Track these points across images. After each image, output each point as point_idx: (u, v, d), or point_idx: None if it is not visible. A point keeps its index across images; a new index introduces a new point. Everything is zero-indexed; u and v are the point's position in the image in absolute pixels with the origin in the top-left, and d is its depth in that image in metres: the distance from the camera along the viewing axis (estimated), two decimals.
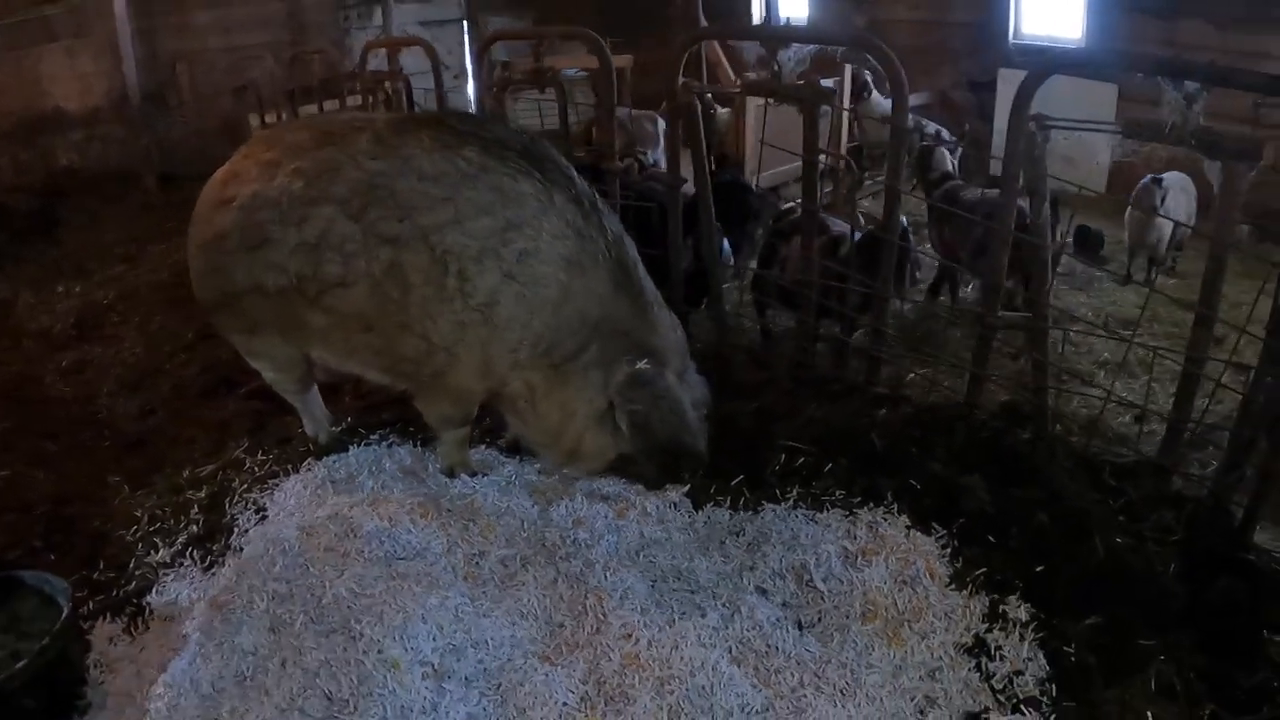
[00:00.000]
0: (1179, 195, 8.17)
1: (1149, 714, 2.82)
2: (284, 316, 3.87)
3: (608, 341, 3.63)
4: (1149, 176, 7.88)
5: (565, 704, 2.87)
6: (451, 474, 4.00)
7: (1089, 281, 8.47)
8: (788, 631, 3.15)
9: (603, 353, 3.63)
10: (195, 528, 3.98)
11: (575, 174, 3.75)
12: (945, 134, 9.74)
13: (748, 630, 3.14)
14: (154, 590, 3.63)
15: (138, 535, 4.02)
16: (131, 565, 3.84)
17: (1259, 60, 9.03)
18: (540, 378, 3.70)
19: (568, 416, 3.71)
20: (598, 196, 3.76)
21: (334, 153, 3.67)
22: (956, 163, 8.57)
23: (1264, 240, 8.00)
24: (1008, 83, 11.36)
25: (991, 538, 3.51)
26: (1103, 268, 8.66)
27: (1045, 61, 3.99)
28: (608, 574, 3.36)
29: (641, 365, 3.58)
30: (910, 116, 4.70)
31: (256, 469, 4.29)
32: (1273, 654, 3.10)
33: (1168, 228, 8.10)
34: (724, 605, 3.27)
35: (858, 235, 5.60)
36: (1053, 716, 2.87)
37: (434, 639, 3.04)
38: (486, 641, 3.07)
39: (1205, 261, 3.92)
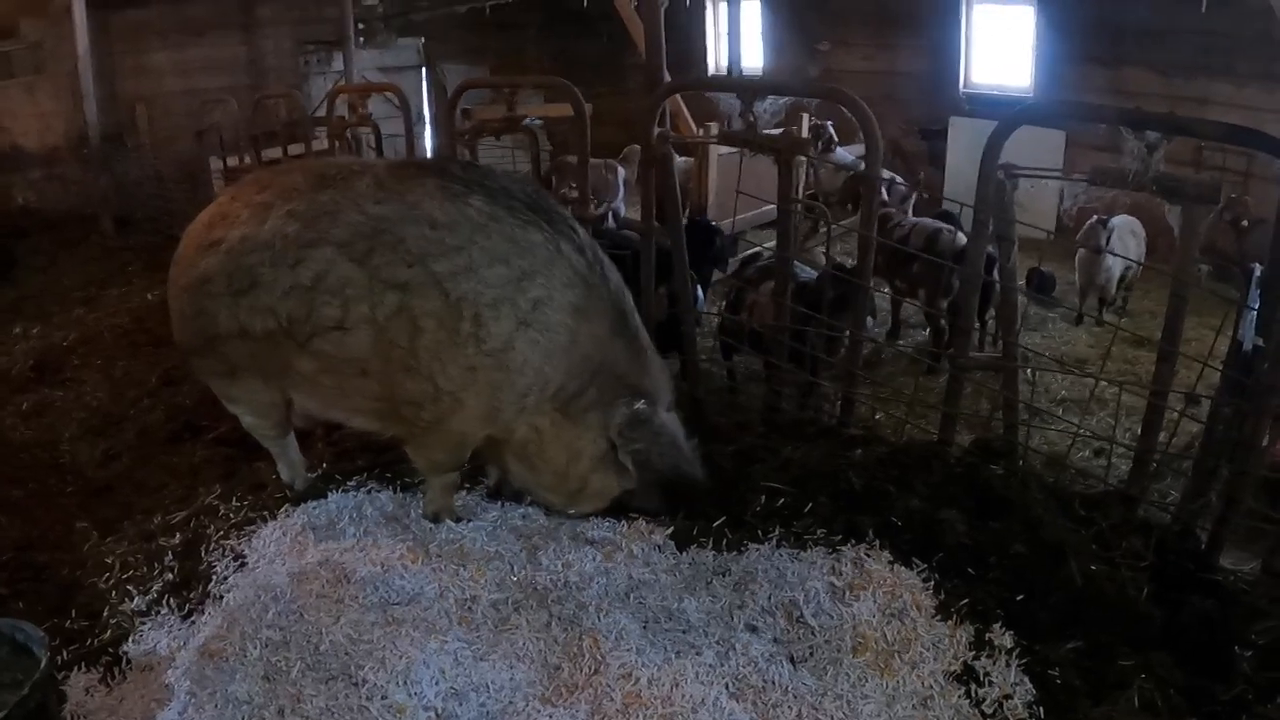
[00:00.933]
0: (1128, 238, 8.46)
1: None
2: (270, 361, 3.86)
3: (605, 384, 3.76)
4: (1095, 217, 8.15)
5: None
6: (436, 519, 3.99)
7: (1042, 322, 8.71)
8: (782, 667, 3.18)
9: (601, 395, 3.77)
10: (171, 575, 3.91)
11: (578, 225, 3.88)
12: (899, 180, 9.97)
13: (743, 667, 3.17)
14: (130, 639, 3.56)
15: (110, 583, 3.95)
16: (105, 614, 3.75)
17: (1201, 105, 9.40)
18: (547, 422, 3.78)
19: (573, 458, 3.82)
20: (598, 247, 3.88)
21: (333, 195, 3.67)
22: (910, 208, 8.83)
23: (1219, 280, 8.28)
24: (959, 130, 11.69)
25: (972, 569, 3.59)
26: (1055, 309, 8.90)
27: (1015, 112, 4.13)
28: (600, 616, 3.37)
29: (639, 405, 3.75)
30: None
31: (231, 515, 4.23)
32: (1246, 669, 3.22)
33: (1117, 269, 8.37)
34: (717, 643, 3.30)
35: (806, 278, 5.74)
36: None
37: (436, 683, 3.04)
38: (487, 685, 3.07)
39: (1161, 300, 4.07)
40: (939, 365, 6.64)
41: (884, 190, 8.52)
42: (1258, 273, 4.09)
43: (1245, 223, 9.01)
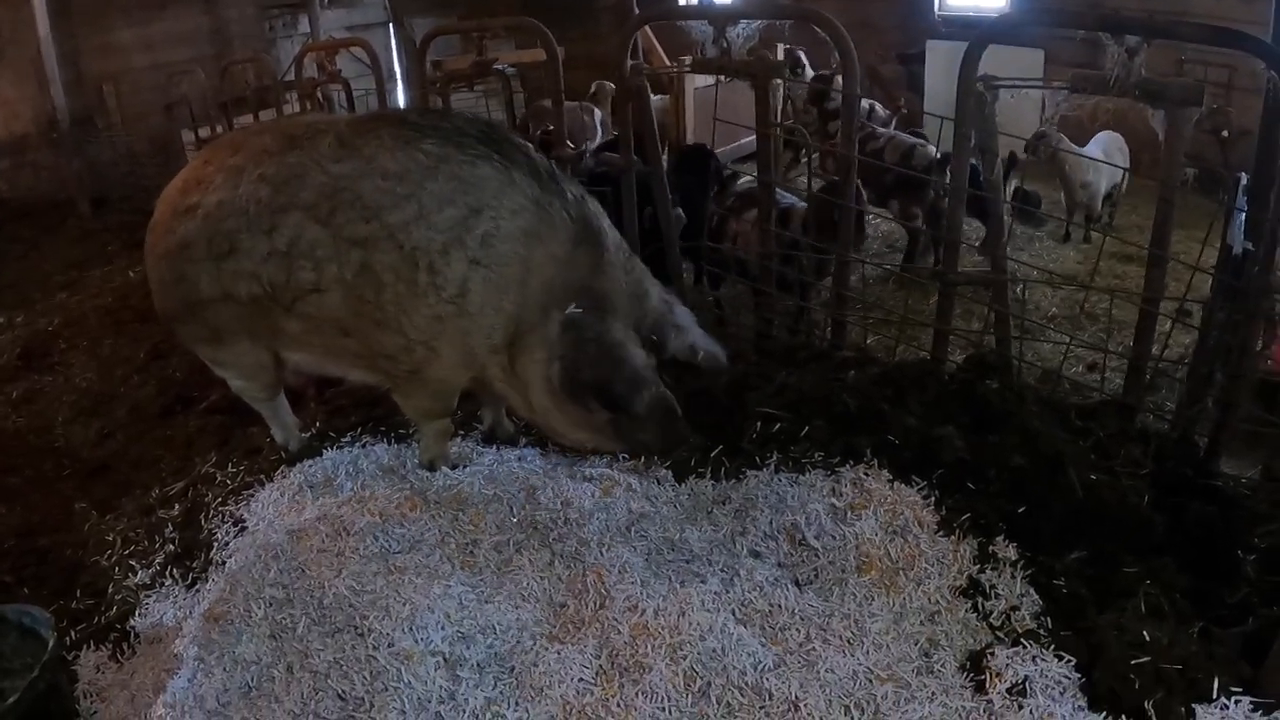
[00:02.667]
0: (1115, 155, 8.41)
1: (1144, 634, 2.89)
2: (257, 323, 3.84)
3: (563, 299, 3.61)
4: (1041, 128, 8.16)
5: (582, 679, 2.88)
6: (432, 467, 3.97)
7: (1029, 241, 8.68)
8: (788, 590, 3.19)
9: (552, 311, 3.62)
10: (172, 546, 3.91)
11: (532, 149, 3.77)
12: (879, 108, 9.89)
13: (749, 592, 3.17)
14: (137, 613, 3.57)
15: (113, 560, 3.96)
16: (110, 590, 3.77)
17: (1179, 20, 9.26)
18: (509, 357, 3.70)
19: (529, 386, 3.71)
20: (555, 165, 3.77)
21: (299, 157, 3.64)
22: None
23: (1204, 191, 8.24)
24: (936, 54, 11.59)
25: (972, 484, 3.58)
26: (1042, 227, 8.87)
27: (989, 27, 4.09)
28: (603, 551, 3.37)
29: (571, 309, 3.56)
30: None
31: (228, 482, 4.23)
32: (1250, 572, 3.23)
33: (1102, 184, 8.34)
34: (722, 570, 3.30)
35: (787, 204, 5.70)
36: (1051, 646, 2.94)
37: (443, 628, 3.04)
38: (494, 627, 3.07)
39: (1148, 214, 4.06)
40: (924, 280, 6.61)
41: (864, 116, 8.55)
42: (1244, 181, 4.07)
43: (1226, 133, 8.96)
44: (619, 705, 2.79)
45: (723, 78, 4.87)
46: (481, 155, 3.57)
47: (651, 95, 8.63)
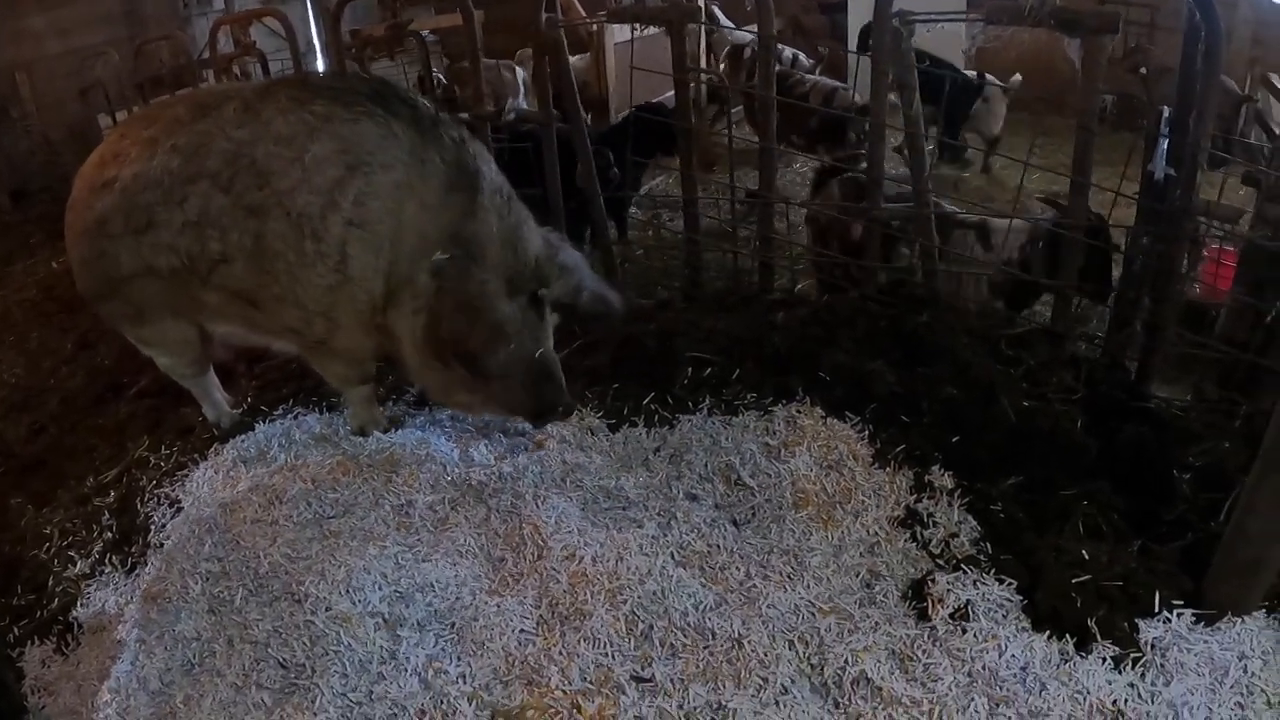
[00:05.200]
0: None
1: (1083, 553, 2.94)
2: (179, 298, 3.77)
3: (434, 248, 3.46)
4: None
5: (523, 630, 2.88)
6: (364, 433, 3.93)
7: (954, 186, 8.76)
8: (725, 530, 3.20)
9: (425, 260, 3.48)
10: (110, 534, 3.86)
11: (420, 100, 3.67)
12: (803, 58, 9.89)
13: (686, 534, 3.18)
14: (79, 604, 3.52)
15: (51, 553, 3.89)
16: (51, 584, 3.71)
17: None
18: (381, 316, 3.58)
19: (400, 342, 3.58)
20: (440, 113, 3.65)
21: (207, 125, 3.56)
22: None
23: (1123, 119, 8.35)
24: (858, 3, 11.56)
25: (905, 416, 3.62)
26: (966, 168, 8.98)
27: None
28: (538, 503, 3.36)
29: (438, 256, 3.41)
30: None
31: (162, 464, 4.17)
32: (1185, 490, 3.29)
33: (1000, 115, 8.49)
34: (658, 515, 3.31)
35: None
36: (992, 570, 2.98)
37: (380, 588, 3.03)
38: (432, 585, 3.06)
39: (1068, 144, 4.08)
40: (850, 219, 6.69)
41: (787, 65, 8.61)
42: (1167, 114, 4.13)
43: (1145, 70, 9.05)
44: (561, 653, 2.80)
45: (639, 29, 4.82)
46: (365, 112, 3.46)
47: (571, 56, 8.63)
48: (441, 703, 2.70)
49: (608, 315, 3.85)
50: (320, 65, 11.55)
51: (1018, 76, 8.43)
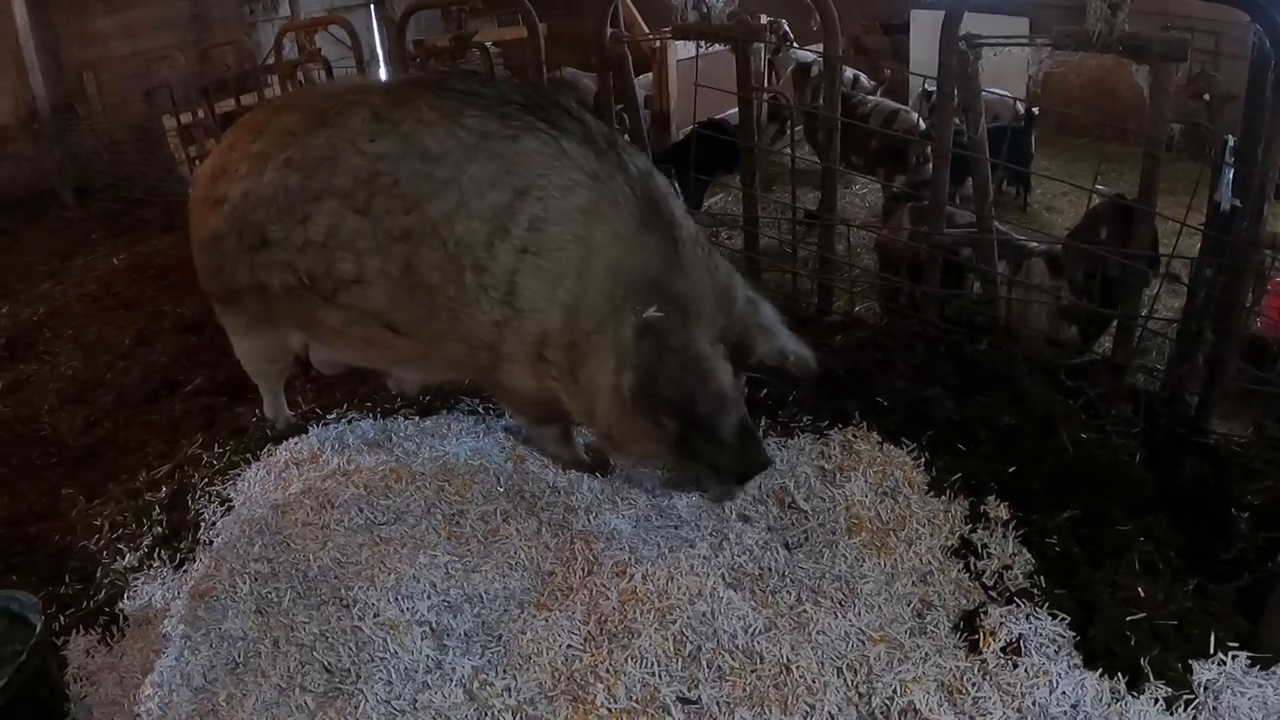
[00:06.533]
0: None
1: (1139, 590, 2.89)
2: (295, 313, 3.60)
3: (636, 296, 3.10)
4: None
5: (570, 645, 2.86)
6: (564, 468, 3.71)
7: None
8: (778, 553, 3.17)
9: (624, 307, 3.13)
10: (160, 528, 3.88)
11: (587, 115, 3.34)
12: (864, 79, 9.84)
13: (738, 556, 3.15)
14: (125, 596, 3.53)
15: (100, 545, 3.91)
16: (99, 575, 3.73)
17: None
18: (563, 355, 3.24)
19: (595, 394, 3.22)
20: (615, 133, 3.40)
21: (329, 137, 3.30)
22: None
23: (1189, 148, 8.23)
24: (920, 23, 11.51)
25: (962, 445, 3.58)
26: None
27: None
28: (590, 518, 3.35)
29: (651, 313, 3.06)
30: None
31: (215, 462, 4.19)
32: (1243, 529, 3.21)
33: None
34: (710, 535, 3.28)
35: None
36: (1045, 604, 2.93)
37: (429, 597, 3.02)
38: (481, 596, 3.05)
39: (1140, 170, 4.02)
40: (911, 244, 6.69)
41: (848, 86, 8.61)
42: (1231, 143, 4.06)
43: (1208, 96, 8.93)
44: (608, 671, 2.77)
45: (704, 46, 4.81)
46: (527, 128, 3.15)
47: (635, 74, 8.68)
48: (486, 715, 2.69)
49: (808, 379, 3.54)
50: (382, 74, 11.70)
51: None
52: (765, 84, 9.17)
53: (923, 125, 7.44)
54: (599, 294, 3.11)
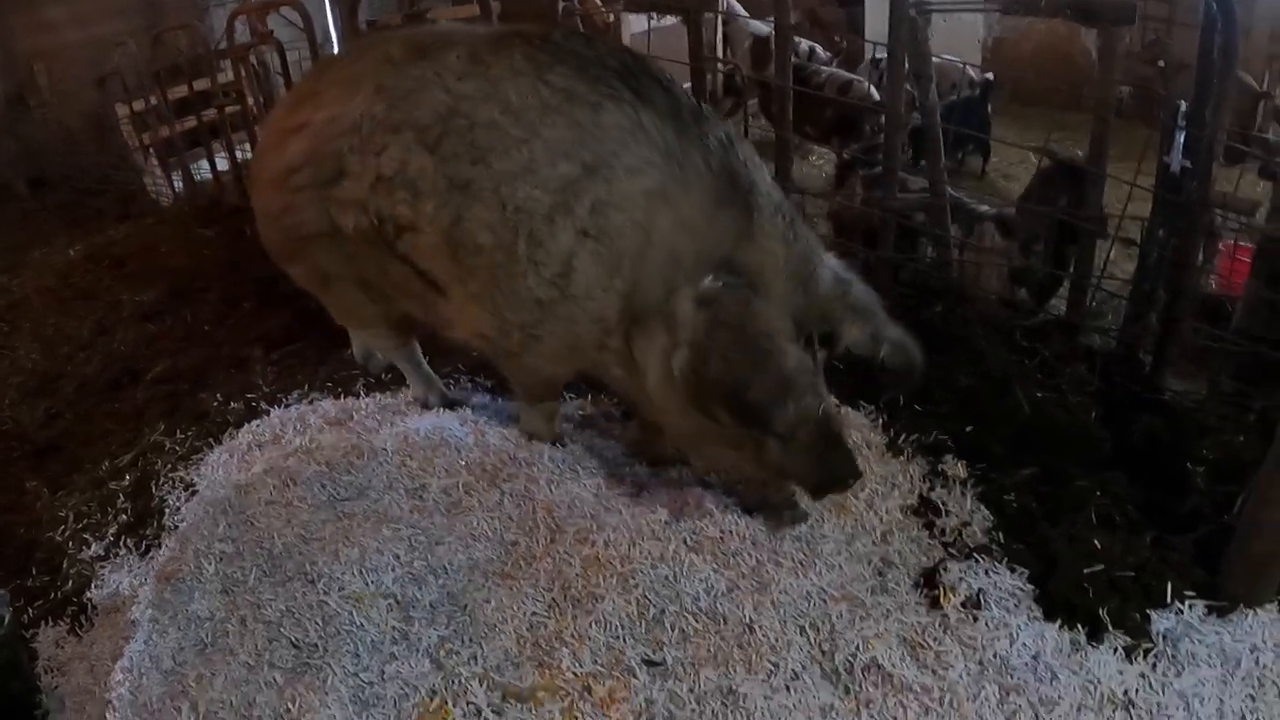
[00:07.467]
0: None
1: (1096, 544, 2.94)
2: (367, 265, 3.35)
3: (701, 272, 2.85)
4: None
5: (534, 613, 2.88)
6: (532, 439, 3.60)
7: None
8: (739, 516, 3.19)
9: (688, 285, 2.87)
10: (125, 516, 3.87)
11: (678, 87, 3.05)
12: (820, 50, 9.88)
13: (699, 520, 3.16)
14: (93, 585, 3.53)
15: (66, 535, 3.90)
16: (65, 565, 3.72)
17: None
18: (619, 342, 3.02)
19: (647, 376, 2.98)
20: (702, 105, 3.09)
21: (424, 69, 3.05)
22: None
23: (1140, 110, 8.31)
24: None
25: (919, 406, 3.61)
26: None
27: None
28: (552, 488, 3.36)
29: (709, 282, 2.80)
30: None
31: (178, 449, 4.18)
32: (1199, 483, 3.28)
33: None
34: (671, 500, 3.30)
35: None
36: (1004, 559, 2.98)
37: (393, 570, 3.03)
38: (445, 567, 3.06)
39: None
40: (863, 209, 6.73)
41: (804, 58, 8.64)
42: (1184, 108, 4.11)
43: (1162, 63, 9.02)
44: (573, 636, 2.80)
45: (656, 18, 4.81)
46: (610, 96, 2.89)
47: None
48: (453, 683, 2.71)
49: (908, 372, 3.19)
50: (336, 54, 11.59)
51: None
52: (720, 55, 9.18)
53: (876, 95, 7.48)
54: (654, 281, 2.88)
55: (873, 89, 7.69)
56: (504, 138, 2.88)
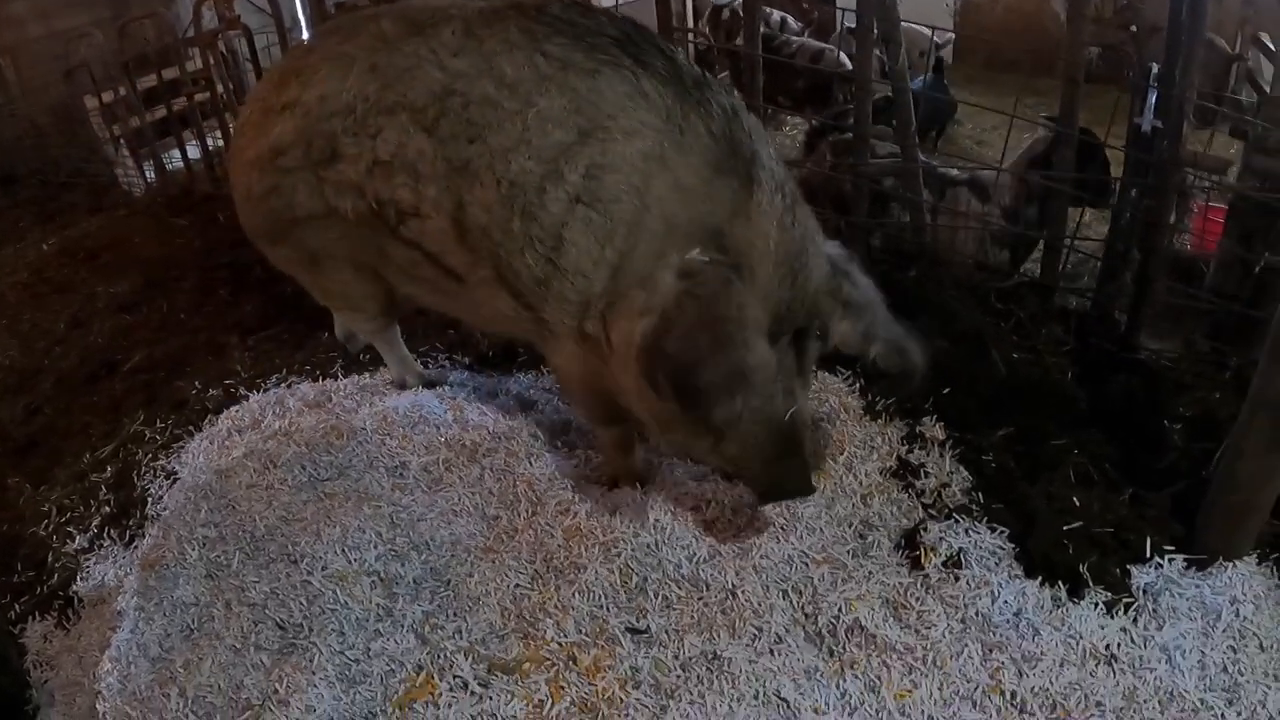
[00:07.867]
0: None
1: (1075, 501, 2.97)
2: (363, 248, 3.24)
3: (690, 242, 2.69)
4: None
5: (518, 585, 2.90)
6: (614, 485, 3.30)
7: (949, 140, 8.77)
8: (717, 482, 3.21)
9: (675, 255, 2.71)
10: (108, 508, 3.86)
11: (679, 53, 2.90)
12: (791, 20, 9.86)
13: (678, 487, 3.19)
14: (78, 578, 3.51)
15: (50, 530, 3.89)
16: (50, 560, 3.71)
17: None
18: (599, 324, 2.84)
19: (616, 346, 2.80)
20: (705, 72, 2.92)
21: (417, 46, 2.93)
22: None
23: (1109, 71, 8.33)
24: None
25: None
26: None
27: None
28: (532, 461, 3.37)
29: (694, 255, 2.65)
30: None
31: (158, 438, 4.16)
32: (1176, 440, 3.30)
33: None
34: (652, 469, 3.32)
35: None
36: (984, 519, 3.01)
37: (375, 547, 3.04)
38: (427, 543, 3.07)
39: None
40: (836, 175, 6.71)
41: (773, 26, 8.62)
42: (1155, 70, 4.13)
43: (1135, 27, 9.05)
44: (556, 606, 2.81)
45: None
46: (609, 61, 2.76)
47: None
48: (438, 657, 2.72)
49: (905, 375, 3.04)
50: (306, 39, 11.48)
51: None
52: (692, 26, 9.15)
53: (849, 64, 7.49)
54: (647, 250, 2.70)
55: (844, 57, 7.69)
56: (499, 112, 2.77)
